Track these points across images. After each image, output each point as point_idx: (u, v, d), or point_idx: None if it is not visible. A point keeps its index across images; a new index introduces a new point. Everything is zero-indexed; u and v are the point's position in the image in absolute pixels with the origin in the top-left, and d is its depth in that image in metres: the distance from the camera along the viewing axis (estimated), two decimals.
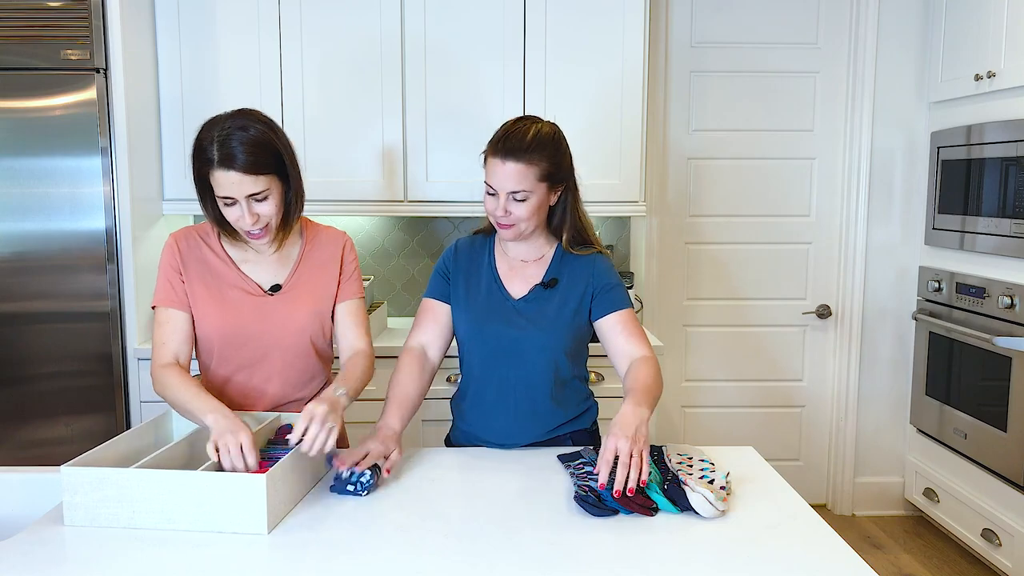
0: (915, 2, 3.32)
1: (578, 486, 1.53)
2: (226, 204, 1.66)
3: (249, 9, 2.85)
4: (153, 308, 1.79)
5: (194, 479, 1.38)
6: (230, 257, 1.80)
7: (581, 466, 1.63)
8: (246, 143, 1.62)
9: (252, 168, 1.63)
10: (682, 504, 1.46)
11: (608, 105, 2.92)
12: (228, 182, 1.62)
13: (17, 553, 1.31)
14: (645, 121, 2.95)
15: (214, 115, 1.70)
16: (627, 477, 1.44)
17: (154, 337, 1.77)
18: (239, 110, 1.70)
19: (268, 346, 1.78)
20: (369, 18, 2.87)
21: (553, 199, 1.78)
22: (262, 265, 1.81)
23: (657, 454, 1.68)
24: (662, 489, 1.50)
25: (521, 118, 1.77)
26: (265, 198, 1.66)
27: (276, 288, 1.80)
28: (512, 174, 1.68)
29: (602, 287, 1.80)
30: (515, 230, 1.76)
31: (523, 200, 1.71)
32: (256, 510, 1.37)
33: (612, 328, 1.78)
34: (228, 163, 1.61)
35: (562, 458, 1.72)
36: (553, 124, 1.78)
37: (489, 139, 1.74)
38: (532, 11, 2.88)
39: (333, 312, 1.87)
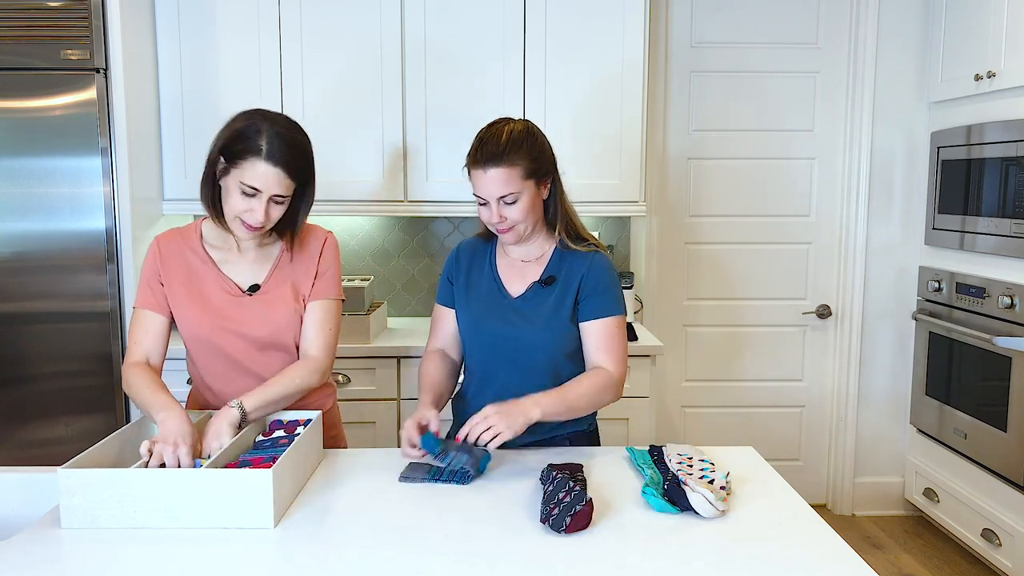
0: (915, 2, 3.32)
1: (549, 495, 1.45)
2: (245, 194, 1.66)
3: (249, 9, 2.85)
4: (135, 309, 1.81)
5: (198, 477, 1.38)
6: (210, 258, 1.80)
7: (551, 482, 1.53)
8: (295, 146, 1.68)
9: (292, 171, 1.67)
10: (682, 504, 1.46)
11: (608, 105, 2.92)
12: (266, 175, 1.65)
13: (16, 554, 1.31)
14: (645, 121, 2.95)
15: (254, 107, 1.73)
16: (471, 434, 1.56)
17: (128, 337, 1.80)
18: (284, 115, 1.74)
19: (247, 346, 1.78)
20: (369, 18, 2.87)
21: (544, 193, 1.78)
22: (242, 265, 1.81)
23: (657, 454, 1.68)
24: (662, 489, 1.50)
25: (492, 123, 1.76)
26: (282, 202, 1.70)
27: (254, 288, 1.80)
28: (496, 180, 1.69)
29: (592, 290, 1.79)
30: (514, 232, 1.76)
31: (514, 202, 1.71)
32: (262, 505, 1.38)
33: (588, 335, 1.79)
34: (275, 158, 1.65)
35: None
36: (525, 121, 1.78)
37: (467, 152, 1.74)
38: (532, 11, 2.88)
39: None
